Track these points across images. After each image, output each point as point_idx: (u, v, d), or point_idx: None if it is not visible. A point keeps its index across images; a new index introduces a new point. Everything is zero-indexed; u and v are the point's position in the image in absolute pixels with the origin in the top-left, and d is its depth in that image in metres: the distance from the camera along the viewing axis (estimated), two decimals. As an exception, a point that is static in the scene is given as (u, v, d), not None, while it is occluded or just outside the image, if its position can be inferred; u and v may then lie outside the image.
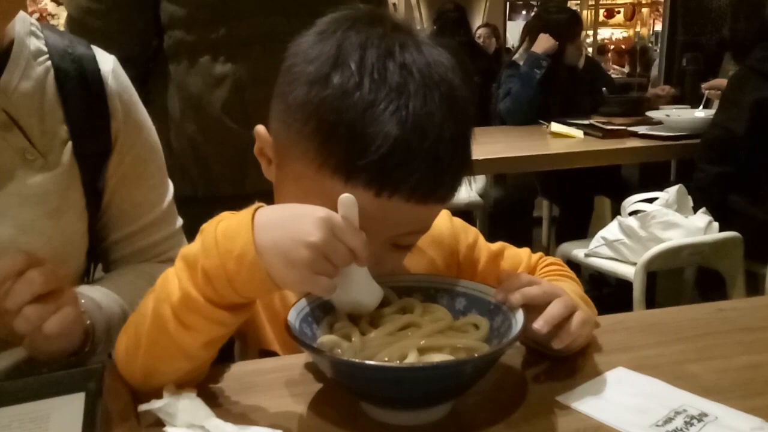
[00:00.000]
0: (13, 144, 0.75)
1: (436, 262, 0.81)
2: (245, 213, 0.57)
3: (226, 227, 0.57)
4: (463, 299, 0.67)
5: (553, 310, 0.64)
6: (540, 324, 0.62)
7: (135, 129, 0.84)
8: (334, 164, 0.60)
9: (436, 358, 0.57)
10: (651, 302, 1.97)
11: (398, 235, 0.66)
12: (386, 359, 0.57)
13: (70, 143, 0.78)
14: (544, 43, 2.98)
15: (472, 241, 0.84)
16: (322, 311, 0.64)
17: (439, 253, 0.81)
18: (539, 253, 0.87)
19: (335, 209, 0.58)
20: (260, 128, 0.70)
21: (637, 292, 1.88)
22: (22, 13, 0.79)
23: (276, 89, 0.68)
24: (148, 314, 0.60)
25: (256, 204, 0.59)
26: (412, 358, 0.57)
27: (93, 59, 0.82)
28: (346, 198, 0.57)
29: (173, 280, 0.59)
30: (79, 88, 0.80)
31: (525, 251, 0.86)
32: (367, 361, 0.55)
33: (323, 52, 0.62)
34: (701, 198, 2.00)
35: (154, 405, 0.57)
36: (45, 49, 0.79)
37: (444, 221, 0.83)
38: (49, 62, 0.79)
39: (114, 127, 0.82)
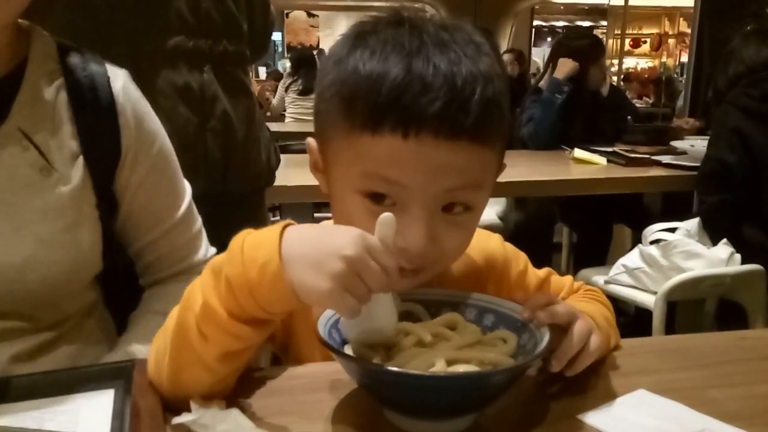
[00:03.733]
0: (30, 162, 0.77)
1: (487, 285, 0.80)
2: (275, 226, 0.57)
3: (253, 238, 0.57)
4: (492, 315, 0.67)
5: (567, 348, 0.65)
6: (554, 364, 0.64)
7: (147, 140, 0.87)
8: (360, 120, 0.61)
9: (463, 369, 0.58)
10: (670, 332, 1.96)
11: (445, 191, 0.63)
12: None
13: (81, 157, 0.81)
14: (564, 67, 3.01)
15: (523, 268, 0.84)
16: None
17: (491, 277, 0.82)
18: (581, 282, 0.88)
19: (372, 168, 0.61)
20: (310, 140, 0.72)
21: (657, 321, 1.87)
22: (39, 31, 0.83)
23: (315, 93, 0.72)
24: (173, 322, 0.61)
25: (288, 221, 0.59)
26: (438, 368, 0.58)
27: (104, 75, 0.84)
28: (384, 217, 0.56)
29: (198, 290, 0.59)
30: (90, 104, 0.82)
31: (568, 279, 0.87)
32: (393, 368, 0.56)
33: (344, 41, 0.67)
34: (711, 228, 2.06)
35: (187, 417, 0.57)
36: (59, 68, 0.82)
37: (497, 245, 0.84)
38: (61, 79, 0.82)
39: (125, 141, 0.84)
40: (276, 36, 11.45)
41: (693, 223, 2.08)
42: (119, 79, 0.85)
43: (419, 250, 0.63)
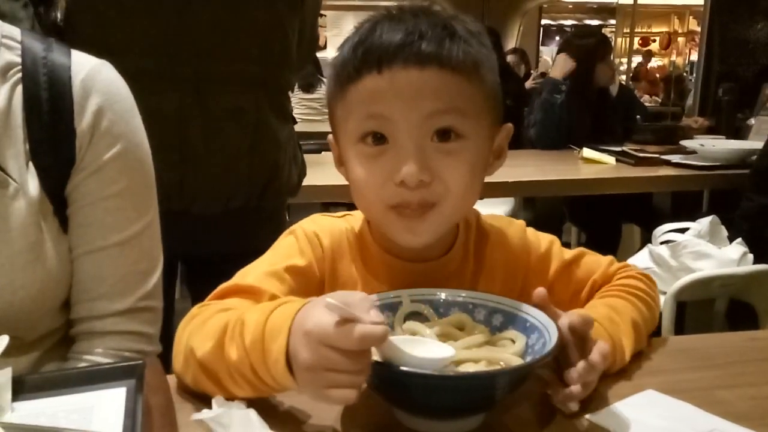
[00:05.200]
0: None
1: (507, 276, 0.79)
2: (291, 309, 0.57)
3: (274, 321, 0.58)
4: (500, 316, 0.68)
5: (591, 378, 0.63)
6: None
7: (103, 142, 0.76)
8: (345, 76, 0.68)
9: (472, 369, 0.59)
10: (680, 332, 1.95)
11: (427, 116, 0.66)
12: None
13: (31, 163, 0.72)
14: (561, 65, 3.00)
15: (544, 250, 0.81)
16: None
17: (511, 267, 0.80)
18: (623, 263, 0.84)
19: (361, 110, 0.67)
20: (329, 136, 0.76)
21: (667, 322, 1.86)
22: None
23: None
24: (212, 340, 0.62)
25: (308, 300, 0.58)
26: (447, 368, 0.58)
27: (66, 69, 0.74)
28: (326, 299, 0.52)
29: (237, 340, 0.60)
30: (44, 104, 0.73)
31: (606, 259, 0.83)
32: (403, 367, 0.56)
33: None
34: (744, 228, 1.98)
35: (208, 414, 0.57)
36: (18, 60, 0.73)
37: (518, 232, 0.82)
38: (19, 74, 0.73)
39: (78, 143, 0.74)
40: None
41: (704, 223, 2.07)
42: (82, 73, 0.75)
43: (414, 179, 0.66)
